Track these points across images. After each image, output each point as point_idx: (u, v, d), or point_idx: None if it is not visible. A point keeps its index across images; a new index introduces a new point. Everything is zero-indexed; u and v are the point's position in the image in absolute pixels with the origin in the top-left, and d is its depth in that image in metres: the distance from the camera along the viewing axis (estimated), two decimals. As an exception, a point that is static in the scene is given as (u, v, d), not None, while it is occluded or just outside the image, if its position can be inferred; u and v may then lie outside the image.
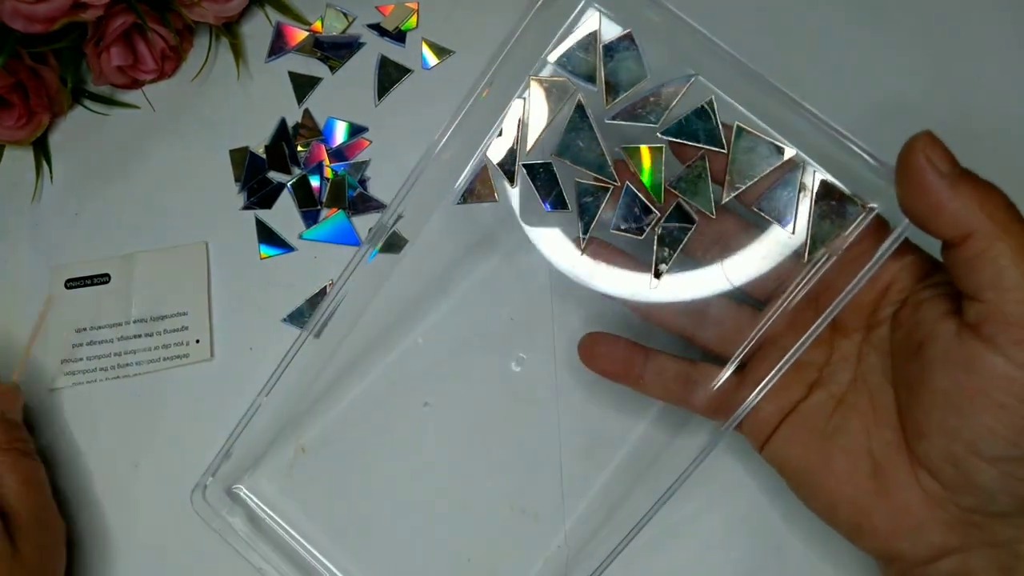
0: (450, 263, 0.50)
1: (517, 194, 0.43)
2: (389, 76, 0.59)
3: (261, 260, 0.55)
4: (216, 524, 0.45)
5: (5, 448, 0.47)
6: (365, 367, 0.50)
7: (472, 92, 0.41)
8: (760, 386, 0.40)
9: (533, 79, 0.41)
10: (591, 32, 0.41)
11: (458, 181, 0.43)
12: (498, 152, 0.42)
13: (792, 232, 0.40)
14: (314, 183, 0.56)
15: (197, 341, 0.53)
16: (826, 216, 0.39)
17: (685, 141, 0.40)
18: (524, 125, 0.42)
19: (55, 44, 0.55)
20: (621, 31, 0.40)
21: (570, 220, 0.43)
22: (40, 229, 0.57)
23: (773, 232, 0.41)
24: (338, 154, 0.57)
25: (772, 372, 0.40)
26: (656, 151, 0.41)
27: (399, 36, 0.59)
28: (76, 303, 0.54)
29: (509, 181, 0.43)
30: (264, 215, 0.56)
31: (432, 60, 0.59)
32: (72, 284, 0.55)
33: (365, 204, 0.56)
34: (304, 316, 0.53)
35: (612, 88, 0.40)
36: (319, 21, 0.60)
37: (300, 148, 0.57)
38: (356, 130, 0.58)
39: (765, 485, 0.48)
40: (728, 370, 0.42)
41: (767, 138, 0.39)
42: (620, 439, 0.48)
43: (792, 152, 0.39)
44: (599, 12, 0.40)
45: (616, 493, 0.47)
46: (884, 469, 0.38)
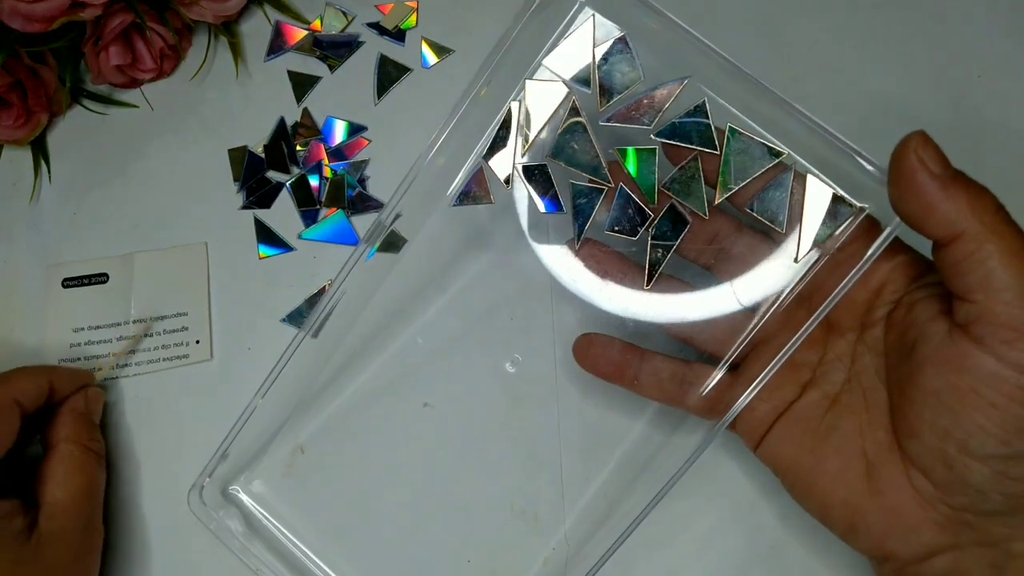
0: (448, 262, 0.50)
1: (513, 195, 0.43)
2: (388, 75, 0.59)
3: (260, 260, 0.55)
4: (213, 525, 0.45)
5: (83, 446, 0.47)
6: (363, 366, 0.50)
7: (467, 95, 0.41)
8: (753, 385, 0.40)
9: (528, 81, 0.41)
10: (586, 35, 0.41)
11: (454, 183, 0.43)
12: (494, 154, 0.43)
13: (784, 232, 0.40)
14: (313, 183, 0.56)
15: (196, 341, 0.53)
16: (817, 217, 0.39)
17: (678, 143, 0.40)
18: (519, 127, 0.42)
19: (53, 43, 0.55)
20: (615, 34, 0.40)
21: (565, 221, 0.43)
22: (38, 228, 0.57)
23: (764, 233, 0.41)
24: (337, 153, 0.57)
25: (764, 371, 0.40)
26: (649, 152, 0.41)
27: (399, 35, 0.59)
28: (74, 303, 0.54)
29: (505, 183, 0.43)
30: (263, 215, 0.56)
31: (432, 59, 0.59)
32: (70, 284, 0.55)
33: (364, 204, 0.56)
34: (303, 316, 0.53)
35: (606, 90, 0.41)
36: (318, 20, 0.60)
37: (299, 147, 0.57)
38: (355, 129, 0.58)
39: (760, 485, 0.48)
40: (721, 370, 0.43)
41: (759, 139, 0.39)
42: (617, 438, 0.48)
43: (784, 153, 0.39)
44: (593, 15, 0.41)
45: (614, 492, 0.47)
46: (877, 469, 0.38)
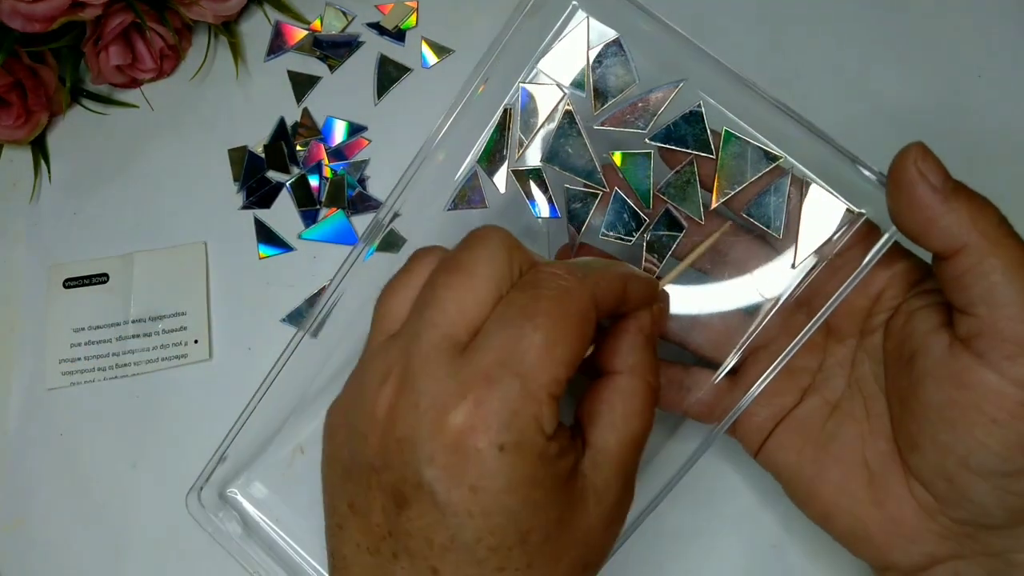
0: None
1: (507, 200, 0.43)
2: (388, 75, 0.58)
3: (260, 260, 0.55)
4: (211, 528, 0.45)
5: (647, 382, 0.35)
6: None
7: (460, 98, 0.41)
8: (752, 390, 0.40)
9: (522, 85, 0.41)
10: (580, 38, 0.40)
11: (450, 186, 0.43)
12: (488, 158, 0.42)
13: (781, 238, 0.40)
14: (313, 182, 0.56)
15: (196, 341, 0.54)
16: (815, 221, 0.39)
17: (674, 146, 0.40)
18: (514, 131, 0.42)
19: (53, 43, 0.55)
20: (610, 37, 0.40)
21: (560, 226, 0.43)
22: (38, 229, 0.57)
23: (762, 238, 0.40)
24: (337, 153, 0.57)
25: (762, 376, 0.39)
26: (644, 157, 0.41)
27: (398, 35, 0.59)
28: (74, 303, 0.55)
29: (500, 187, 0.42)
30: (263, 215, 0.56)
31: (432, 59, 0.59)
32: (70, 284, 0.55)
33: (364, 203, 0.56)
34: (303, 316, 0.53)
35: (601, 94, 0.40)
36: (318, 20, 0.60)
37: (299, 147, 0.57)
38: (355, 129, 0.57)
39: (760, 492, 0.47)
40: (720, 375, 0.42)
41: (756, 143, 0.39)
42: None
43: (781, 157, 0.39)
44: (587, 18, 0.40)
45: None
46: (878, 479, 0.38)
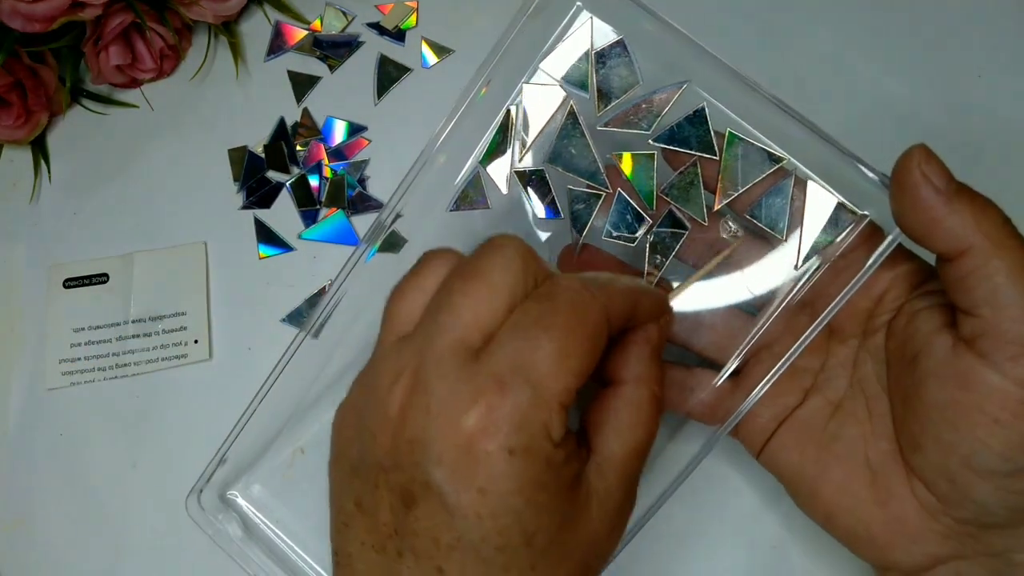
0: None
1: (510, 201, 0.43)
2: (388, 75, 0.58)
3: (260, 260, 0.55)
4: (211, 530, 0.45)
5: (653, 392, 0.35)
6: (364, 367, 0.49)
7: (463, 99, 0.41)
8: (755, 391, 0.40)
9: (525, 85, 0.41)
10: (583, 38, 0.40)
11: (452, 187, 0.43)
12: (491, 159, 0.42)
13: (784, 239, 0.40)
14: (313, 182, 0.56)
15: (195, 341, 0.53)
16: (818, 223, 0.39)
17: (677, 148, 0.40)
18: (517, 132, 0.42)
19: (54, 43, 0.55)
20: (613, 37, 0.40)
21: (563, 227, 0.43)
22: (38, 229, 0.57)
23: (765, 239, 0.40)
24: (337, 153, 0.57)
25: (765, 378, 0.39)
26: (648, 157, 0.41)
27: (399, 35, 0.59)
28: (74, 303, 0.55)
29: (502, 188, 0.42)
30: (263, 215, 0.56)
31: (432, 59, 0.59)
32: (70, 284, 0.55)
33: (364, 203, 0.56)
34: (303, 316, 0.53)
35: (604, 95, 0.40)
36: (318, 20, 0.60)
37: (299, 147, 0.57)
38: (355, 129, 0.57)
39: (762, 492, 0.47)
40: (723, 376, 0.42)
41: (759, 145, 0.39)
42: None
43: (784, 159, 0.39)
44: (591, 18, 0.40)
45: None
46: (881, 479, 0.38)
